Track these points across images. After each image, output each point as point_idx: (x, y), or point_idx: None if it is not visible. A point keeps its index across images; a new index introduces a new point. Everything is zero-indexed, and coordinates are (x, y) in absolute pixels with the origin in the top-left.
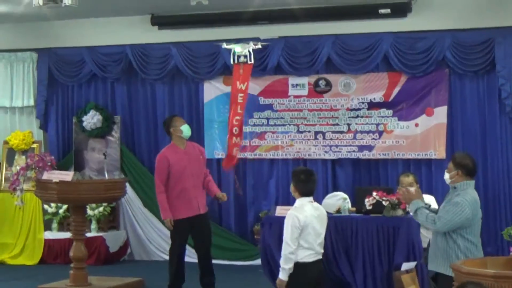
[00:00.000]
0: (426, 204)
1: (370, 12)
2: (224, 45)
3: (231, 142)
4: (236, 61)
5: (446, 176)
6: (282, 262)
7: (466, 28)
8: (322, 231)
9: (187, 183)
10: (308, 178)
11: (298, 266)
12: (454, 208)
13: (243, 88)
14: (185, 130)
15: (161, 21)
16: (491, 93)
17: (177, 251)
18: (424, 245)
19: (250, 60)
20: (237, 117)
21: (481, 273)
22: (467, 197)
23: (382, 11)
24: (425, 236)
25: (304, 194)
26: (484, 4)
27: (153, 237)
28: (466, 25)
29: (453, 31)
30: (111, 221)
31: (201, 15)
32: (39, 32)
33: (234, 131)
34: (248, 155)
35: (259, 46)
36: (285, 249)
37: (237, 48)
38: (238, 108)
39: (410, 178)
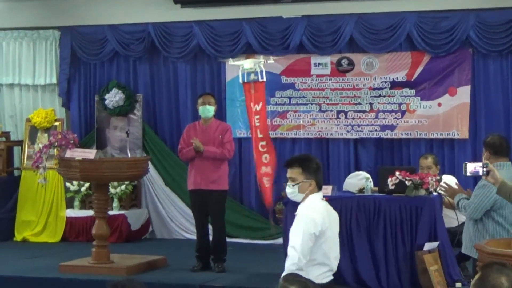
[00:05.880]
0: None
1: None
2: (231, 61)
3: (260, 172)
4: (245, 80)
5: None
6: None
7: (490, 8)
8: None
9: (195, 158)
10: (320, 166)
11: None
12: (481, 191)
13: (258, 109)
14: (200, 111)
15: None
16: None
17: (196, 225)
18: (447, 225)
19: (262, 78)
20: (262, 143)
21: (505, 253)
22: None
23: None
24: (450, 216)
25: (320, 187)
26: None
27: (174, 215)
28: (490, 5)
29: (477, 10)
30: (133, 199)
31: None
32: (62, 10)
33: (264, 159)
34: (269, 134)
35: (271, 60)
36: (293, 262)
37: (246, 65)
38: (258, 133)
39: (428, 160)
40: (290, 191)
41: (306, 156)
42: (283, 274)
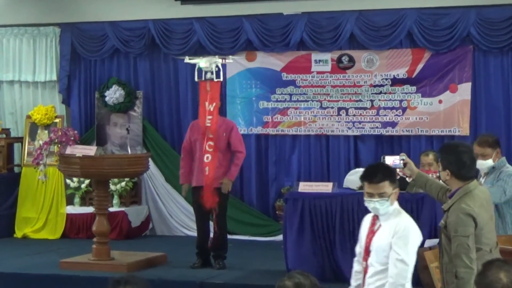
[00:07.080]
0: None
1: None
2: (187, 59)
3: (204, 173)
4: (203, 78)
5: (490, 162)
6: None
7: (490, 4)
8: None
9: (197, 154)
10: None
11: None
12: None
13: (212, 109)
14: None
15: None
16: None
17: (196, 221)
18: None
19: (218, 77)
20: (210, 143)
21: (507, 250)
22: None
23: None
24: None
25: None
26: None
27: (175, 212)
28: (491, 1)
29: (478, 7)
30: (133, 196)
31: None
32: (62, 7)
33: (206, 158)
34: (270, 131)
35: (230, 60)
36: (404, 276)
37: (202, 63)
38: (209, 133)
39: (429, 157)
40: (375, 206)
41: (387, 166)
42: (388, 284)
